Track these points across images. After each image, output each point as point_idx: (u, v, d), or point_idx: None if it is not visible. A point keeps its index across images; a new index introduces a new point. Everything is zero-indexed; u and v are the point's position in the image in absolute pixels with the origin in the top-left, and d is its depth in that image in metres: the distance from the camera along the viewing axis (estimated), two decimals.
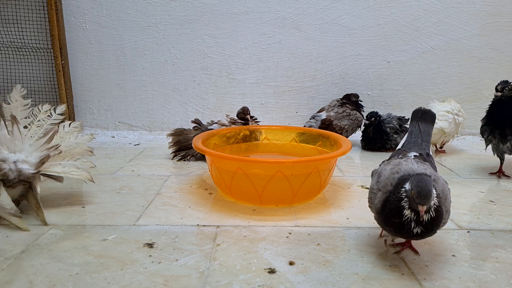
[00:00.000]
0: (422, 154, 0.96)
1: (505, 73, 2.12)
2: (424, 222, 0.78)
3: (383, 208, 0.83)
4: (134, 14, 2.07)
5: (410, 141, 1.02)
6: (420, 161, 0.90)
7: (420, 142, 1.00)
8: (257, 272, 0.84)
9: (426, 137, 1.02)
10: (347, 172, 1.56)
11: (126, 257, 0.90)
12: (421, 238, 0.83)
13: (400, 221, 0.80)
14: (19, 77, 2.05)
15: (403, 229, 0.80)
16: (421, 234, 0.80)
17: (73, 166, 1.17)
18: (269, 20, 2.09)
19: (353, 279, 0.82)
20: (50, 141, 1.14)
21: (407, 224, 0.79)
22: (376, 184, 0.88)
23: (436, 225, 0.80)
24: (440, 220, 0.80)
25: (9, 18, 1.99)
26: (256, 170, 1.15)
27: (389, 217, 0.82)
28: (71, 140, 1.22)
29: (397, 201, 0.80)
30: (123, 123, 2.20)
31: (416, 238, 0.83)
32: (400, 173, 0.85)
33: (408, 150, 0.98)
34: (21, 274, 0.83)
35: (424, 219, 0.77)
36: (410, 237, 0.82)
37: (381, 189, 0.86)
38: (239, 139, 1.55)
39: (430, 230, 0.80)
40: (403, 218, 0.79)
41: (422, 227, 0.79)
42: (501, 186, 1.41)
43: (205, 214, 1.15)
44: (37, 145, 1.12)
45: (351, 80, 2.15)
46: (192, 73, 2.15)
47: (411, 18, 2.07)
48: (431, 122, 1.05)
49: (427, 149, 0.99)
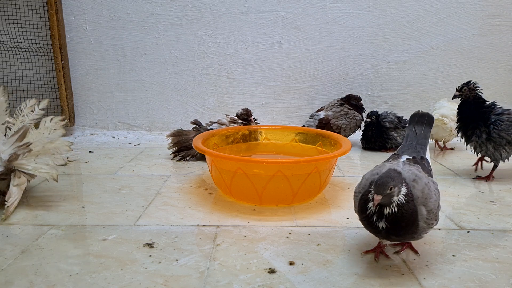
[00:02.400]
0: (415, 157, 0.95)
1: (505, 73, 2.13)
2: (385, 215, 0.78)
3: (360, 207, 0.84)
4: (134, 14, 2.07)
5: (405, 145, 1.02)
6: (409, 163, 0.90)
7: (415, 145, 1.00)
8: (257, 272, 0.84)
9: (422, 140, 1.01)
10: (347, 172, 1.56)
11: (126, 257, 0.90)
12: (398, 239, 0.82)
13: (365, 215, 0.80)
14: (19, 77, 2.05)
15: (371, 224, 0.80)
16: (387, 231, 0.79)
17: (44, 163, 1.18)
18: (269, 20, 2.09)
19: (353, 279, 0.82)
20: (22, 139, 1.16)
21: (371, 217, 0.80)
22: (358, 188, 0.89)
23: (402, 222, 0.78)
24: (412, 219, 0.78)
25: (9, 18, 1.99)
26: (256, 170, 1.15)
27: (360, 214, 0.84)
28: (44, 135, 1.23)
29: (366, 195, 0.82)
30: (123, 123, 2.20)
31: (391, 239, 0.82)
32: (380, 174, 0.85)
33: (401, 154, 0.98)
34: (21, 274, 0.83)
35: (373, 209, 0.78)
36: (379, 234, 0.81)
37: (360, 191, 0.86)
38: (238, 138, 1.55)
39: (398, 227, 0.78)
40: (367, 211, 0.80)
41: (386, 221, 0.78)
42: (501, 186, 1.41)
43: (205, 214, 1.15)
44: (10, 142, 1.14)
45: (351, 80, 2.15)
46: (192, 73, 2.15)
47: (411, 18, 2.07)
48: (429, 125, 1.04)
49: (422, 152, 0.98)
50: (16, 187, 1.15)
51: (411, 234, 0.81)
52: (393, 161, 0.94)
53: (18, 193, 1.15)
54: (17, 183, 1.15)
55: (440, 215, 1.14)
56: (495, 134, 1.38)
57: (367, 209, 0.80)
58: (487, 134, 1.39)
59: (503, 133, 1.38)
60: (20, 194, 1.16)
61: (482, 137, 1.40)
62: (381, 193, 0.76)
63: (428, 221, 0.81)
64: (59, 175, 1.18)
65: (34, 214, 1.13)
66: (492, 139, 1.39)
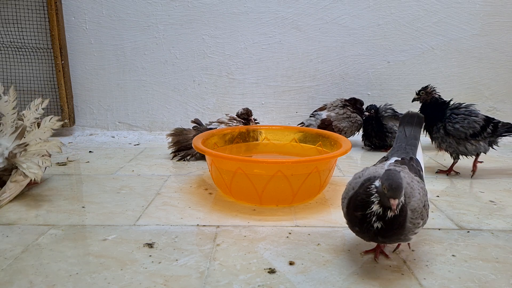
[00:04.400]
0: (404, 158, 0.95)
1: (505, 73, 2.13)
2: (387, 217, 0.76)
3: (348, 208, 0.83)
4: (134, 14, 2.07)
5: (394, 147, 1.01)
6: (396, 165, 0.89)
7: (404, 146, 1.00)
8: (257, 272, 0.84)
9: (412, 140, 1.01)
10: (347, 172, 1.56)
11: (126, 257, 0.90)
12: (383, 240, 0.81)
13: (363, 214, 0.78)
14: (19, 77, 2.05)
15: (363, 224, 0.78)
16: (381, 233, 0.78)
17: (35, 164, 1.20)
18: (269, 20, 2.09)
19: (353, 279, 0.82)
20: (21, 138, 1.21)
21: (369, 217, 0.77)
22: (343, 194, 0.88)
23: (397, 223, 0.77)
24: (403, 219, 0.78)
25: (9, 18, 1.99)
26: (256, 170, 1.15)
27: (353, 213, 0.81)
28: (43, 135, 1.27)
29: (365, 196, 0.79)
30: (123, 123, 2.20)
31: (377, 240, 0.81)
32: (363, 177, 0.85)
33: (390, 156, 0.97)
34: (21, 274, 0.83)
35: (379, 211, 0.76)
36: (371, 234, 0.79)
37: (346, 197, 0.86)
38: (237, 137, 1.55)
39: (390, 228, 0.77)
40: (368, 211, 0.78)
41: (383, 222, 0.77)
42: (501, 186, 1.41)
43: (205, 214, 1.15)
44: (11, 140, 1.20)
45: (351, 80, 2.15)
46: (192, 73, 2.15)
47: (411, 18, 2.07)
48: (418, 125, 1.04)
49: (411, 153, 0.98)
50: (13, 183, 1.18)
51: (398, 235, 0.80)
52: (379, 163, 0.94)
53: (15, 189, 1.18)
54: (16, 180, 1.18)
55: (440, 215, 1.14)
56: (450, 127, 1.44)
57: (366, 208, 0.78)
58: (443, 129, 1.46)
59: (457, 125, 1.43)
60: (16, 190, 1.19)
61: (440, 132, 1.47)
62: (399, 197, 0.74)
63: (413, 221, 0.79)
64: (58, 175, 1.20)
65: (34, 214, 1.13)
66: (449, 132, 1.44)
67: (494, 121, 1.47)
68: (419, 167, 0.95)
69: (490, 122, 1.46)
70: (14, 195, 1.19)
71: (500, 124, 1.47)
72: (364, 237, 0.83)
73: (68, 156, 1.73)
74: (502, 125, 1.47)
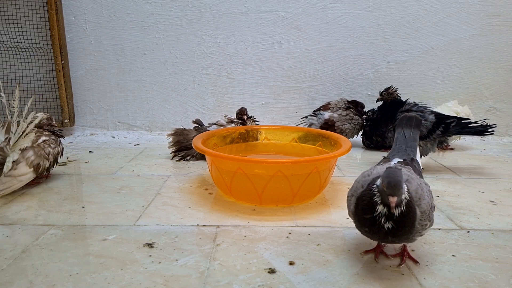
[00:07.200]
0: (405, 159, 0.96)
1: (505, 73, 2.12)
2: (395, 216, 0.76)
3: (356, 209, 0.83)
4: (134, 14, 2.07)
5: (395, 148, 1.02)
6: (401, 165, 0.90)
7: (405, 148, 1.00)
8: (257, 272, 0.84)
9: (412, 142, 1.02)
10: (347, 172, 1.56)
11: (126, 257, 0.90)
12: (393, 239, 0.81)
13: (372, 216, 0.78)
14: (19, 77, 2.05)
15: (375, 225, 0.79)
16: (392, 232, 0.78)
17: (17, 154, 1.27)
18: (269, 20, 2.08)
19: (353, 279, 0.82)
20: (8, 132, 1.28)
21: (378, 219, 0.78)
22: (350, 191, 0.88)
23: (408, 221, 0.77)
24: (413, 218, 0.78)
25: (9, 18, 1.99)
26: (256, 170, 1.15)
27: (362, 215, 0.81)
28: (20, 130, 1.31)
29: (369, 197, 0.80)
30: (123, 123, 2.20)
31: (387, 239, 0.81)
32: (372, 175, 0.85)
33: (391, 157, 0.98)
34: (21, 274, 0.83)
35: (395, 212, 0.76)
36: (382, 235, 0.80)
37: (353, 194, 0.86)
38: (235, 137, 1.55)
39: (402, 227, 0.77)
40: (375, 213, 0.78)
41: (392, 222, 0.77)
42: (501, 186, 1.41)
43: (205, 214, 1.15)
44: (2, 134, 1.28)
45: (351, 80, 2.15)
46: (192, 73, 2.15)
47: (411, 18, 2.07)
48: (417, 127, 1.05)
49: (412, 154, 0.98)
50: (7, 178, 1.22)
51: (407, 235, 0.80)
52: (384, 164, 0.94)
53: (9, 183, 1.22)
54: (10, 174, 1.22)
55: (440, 215, 1.14)
56: None
57: (374, 211, 0.78)
58: (394, 130, 1.45)
59: None
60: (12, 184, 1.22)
61: (392, 133, 1.50)
62: (397, 194, 0.75)
63: (421, 222, 0.80)
64: (58, 175, 1.21)
65: (34, 214, 1.13)
66: None
67: (447, 121, 1.46)
68: (420, 169, 0.97)
69: (442, 122, 1.45)
70: (9, 190, 1.22)
71: (454, 124, 1.47)
72: (373, 238, 0.84)
73: (68, 156, 1.73)
74: (456, 125, 1.47)
